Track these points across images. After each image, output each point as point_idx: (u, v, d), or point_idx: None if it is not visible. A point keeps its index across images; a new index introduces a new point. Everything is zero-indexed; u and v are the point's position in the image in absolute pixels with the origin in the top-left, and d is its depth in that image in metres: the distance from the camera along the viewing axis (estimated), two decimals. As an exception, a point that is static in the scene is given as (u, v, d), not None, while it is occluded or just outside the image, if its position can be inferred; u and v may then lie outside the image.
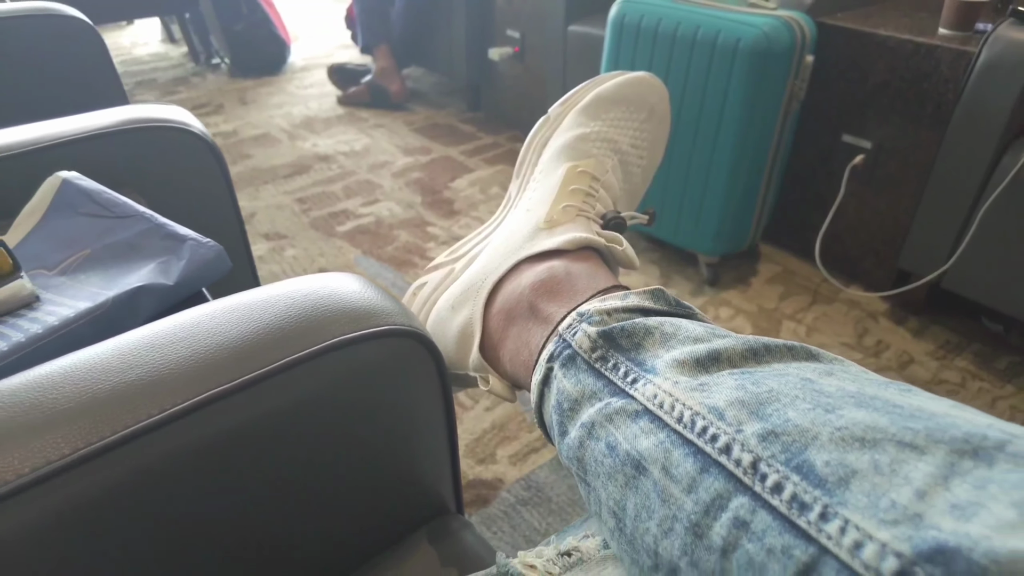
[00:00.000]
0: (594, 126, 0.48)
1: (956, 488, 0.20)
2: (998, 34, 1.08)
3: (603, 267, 0.41)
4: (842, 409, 0.23)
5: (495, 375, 0.41)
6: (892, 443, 0.21)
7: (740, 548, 0.22)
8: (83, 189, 0.52)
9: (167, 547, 0.32)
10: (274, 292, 0.39)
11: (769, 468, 0.23)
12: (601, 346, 0.31)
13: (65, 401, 0.31)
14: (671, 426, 0.26)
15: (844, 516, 0.20)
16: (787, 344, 0.28)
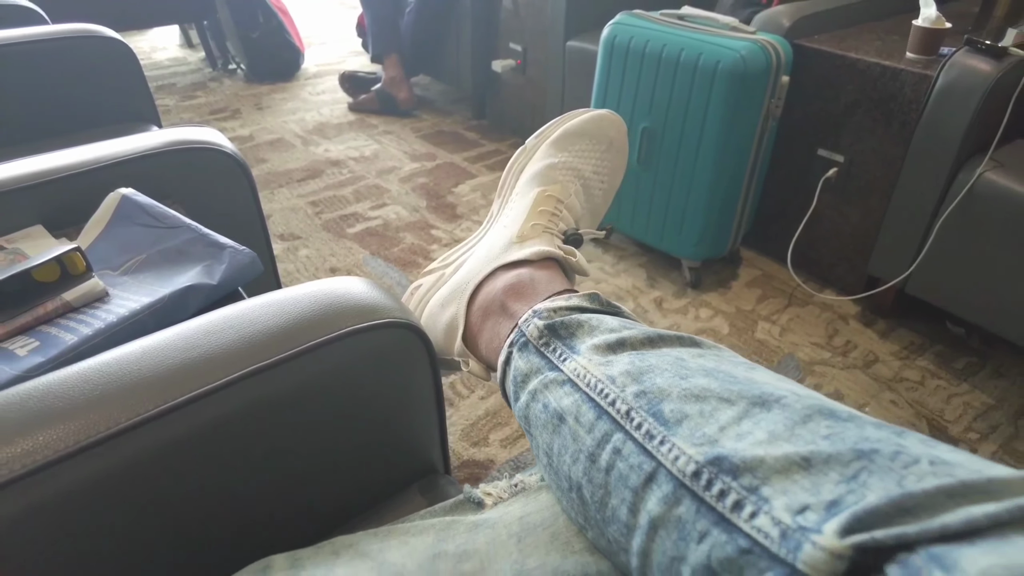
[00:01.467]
0: (562, 157, 0.59)
1: (743, 424, 0.30)
2: (954, 60, 1.17)
3: (560, 274, 0.51)
4: (693, 378, 0.33)
5: (474, 359, 0.52)
6: (715, 398, 0.31)
7: (615, 467, 0.33)
8: (139, 203, 0.63)
9: (205, 504, 0.43)
10: (299, 291, 0.49)
11: (636, 414, 0.33)
12: (546, 335, 0.42)
13: (148, 371, 0.41)
14: (583, 389, 0.36)
15: (672, 442, 0.31)
16: (678, 335, 0.38)
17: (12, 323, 0.52)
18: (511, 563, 0.34)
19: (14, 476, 0.35)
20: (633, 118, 1.40)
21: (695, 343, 0.38)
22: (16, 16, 1.35)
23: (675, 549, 0.29)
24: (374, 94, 2.39)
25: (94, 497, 0.38)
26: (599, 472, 0.33)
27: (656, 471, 0.31)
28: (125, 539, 0.40)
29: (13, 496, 0.35)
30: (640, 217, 1.49)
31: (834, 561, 0.23)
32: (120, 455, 0.39)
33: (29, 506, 0.36)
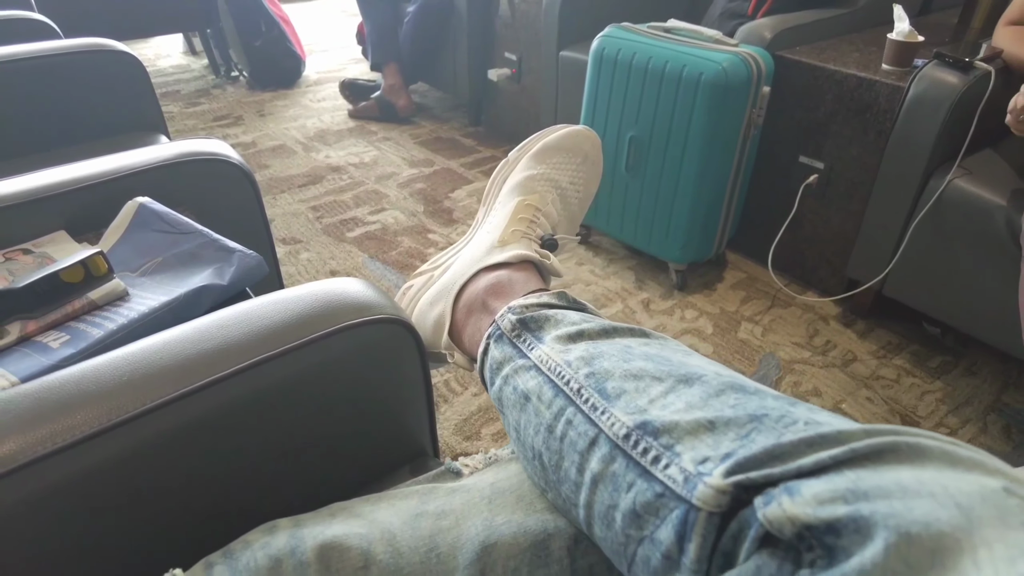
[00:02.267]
0: (540, 169, 0.64)
1: (668, 398, 0.35)
2: (924, 73, 1.23)
3: (536, 275, 0.57)
4: (634, 361, 0.39)
5: (459, 351, 0.57)
6: (649, 377, 0.37)
7: (567, 435, 0.38)
8: (155, 211, 0.69)
9: (219, 480, 0.48)
10: (301, 291, 0.55)
11: (585, 391, 0.38)
12: (517, 328, 0.47)
13: (169, 360, 0.47)
14: (545, 373, 0.42)
15: (611, 412, 0.36)
16: (630, 327, 0.44)
17: (44, 320, 0.57)
18: (482, 520, 0.40)
19: (57, 448, 0.41)
20: (621, 127, 1.46)
21: (644, 334, 0.43)
22: (31, 29, 1.41)
23: (611, 499, 0.34)
24: (374, 101, 2.45)
25: (124, 471, 0.43)
26: (555, 440, 0.39)
27: (598, 436, 0.36)
28: (149, 509, 0.45)
29: (58, 466, 0.41)
30: (629, 222, 1.55)
31: (719, 496, 0.29)
32: (146, 433, 0.44)
33: (72, 474, 0.41)
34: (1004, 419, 1.24)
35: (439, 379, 1.30)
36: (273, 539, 0.39)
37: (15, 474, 0.41)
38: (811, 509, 0.25)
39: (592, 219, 1.64)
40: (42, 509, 0.41)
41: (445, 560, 0.37)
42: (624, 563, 0.34)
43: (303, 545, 0.38)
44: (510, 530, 0.39)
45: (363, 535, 0.38)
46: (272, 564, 0.37)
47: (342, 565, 0.37)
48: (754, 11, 1.65)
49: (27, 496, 0.41)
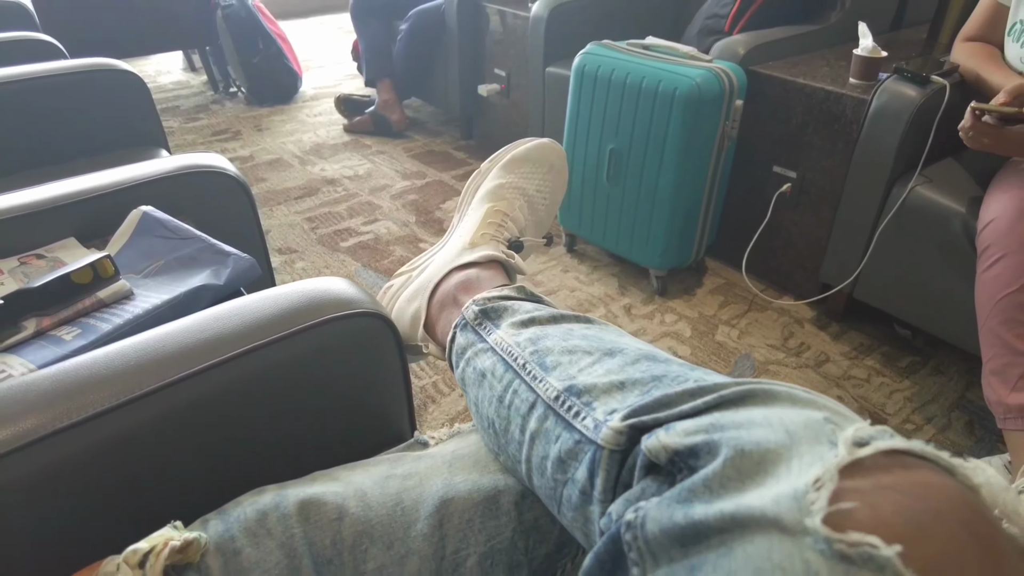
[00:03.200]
0: (509, 178, 0.71)
1: (594, 367, 0.41)
2: (885, 86, 1.30)
3: (502, 273, 0.63)
4: (572, 340, 0.45)
5: (433, 343, 0.63)
6: (581, 352, 0.43)
7: (513, 403, 0.44)
8: (157, 218, 0.75)
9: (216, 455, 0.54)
10: (291, 287, 0.61)
11: (528, 365, 0.44)
12: (479, 317, 0.53)
13: (172, 347, 0.53)
14: (499, 353, 0.48)
15: (547, 380, 0.42)
16: (576, 315, 0.50)
17: (57, 316, 0.63)
18: (442, 479, 0.45)
19: (73, 423, 0.47)
20: (602, 139, 1.53)
21: (588, 320, 0.49)
22: (38, 49, 1.48)
23: (543, 451, 0.40)
24: (369, 116, 2.53)
25: (132, 445, 0.49)
26: (504, 408, 0.45)
27: (536, 401, 0.42)
28: (153, 480, 0.51)
29: (74, 439, 0.47)
30: (611, 230, 1.61)
31: (618, 436, 0.35)
32: (152, 411, 0.50)
33: (87, 447, 0.47)
34: (967, 415, 1.29)
35: (427, 381, 1.36)
36: (260, 498, 0.45)
37: (36, 445, 0.46)
38: (679, 439, 0.30)
39: (576, 227, 1.71)
40: (61, 477, 0.47)
41: (409, 512, 0.43)
42: (555, 506, 0.40)
43: (286, 501, 0.43)
44: (466, 487, 0.45)
45: (338, 492, 0.44)
46: (259, 517, 0.42)
47: (319, 517, 0.42)
48: (730, 28, 1.72)
49: (47, 465, 0.46)
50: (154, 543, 0.38)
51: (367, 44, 2.47)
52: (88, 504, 0.48)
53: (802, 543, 0.23)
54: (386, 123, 2.51)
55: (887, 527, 0.23)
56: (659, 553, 0.27)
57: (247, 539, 0.41)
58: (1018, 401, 1.04)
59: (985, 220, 1.12)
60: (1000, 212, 1.10)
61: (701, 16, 1.83)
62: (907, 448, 0.26)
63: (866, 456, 0.26)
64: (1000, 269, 1.08)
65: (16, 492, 0.46)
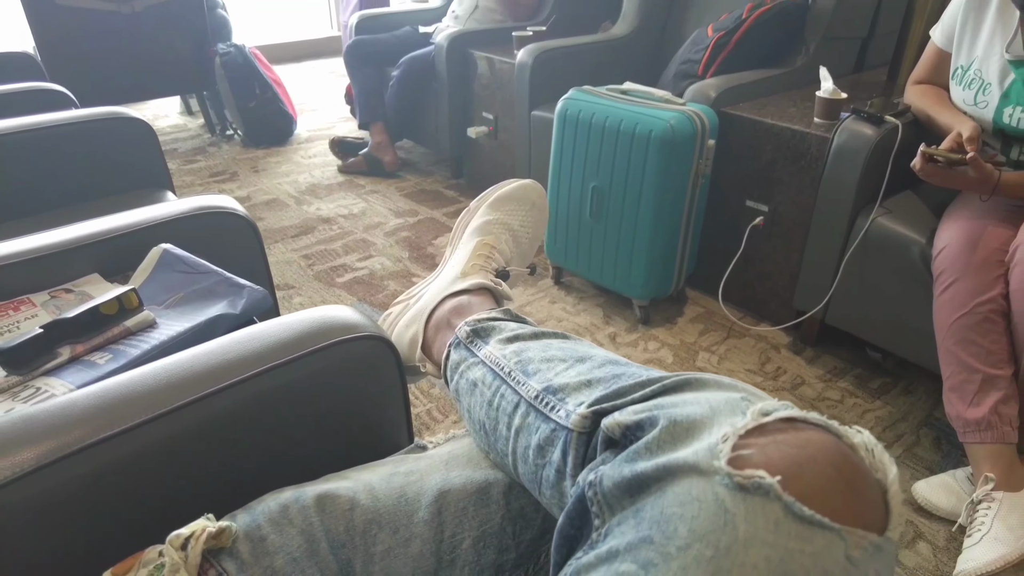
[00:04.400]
0: (496, 215, 0.79)
1: (568, 371, 0.49)
2: (844, 125, 1.41)
3: (491, 298, 0.70)
4: (550, 351, 0.52)
5: (430, 362, 0.70)
6: (558, 360, 0.50)
7: (501, 405, 0.51)
8: (177, 255, 0.82)
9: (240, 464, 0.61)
10: (302, 315, 0.68)
11: (514, 373, 0.52)
12: (471, 335, 0.61)
13: (199, 367, 0.60)
14: (488, 365, 0.55)
15: (528, 383, 0.49)
16: (555, 332, 0.57)
17: (89, 343, 0.70)
18: (440, 475, 0.52)
19: (119, 431, 0.53)
20: (584, 177, 1.62)
21: (565, 336, 0.57)
22: (51, 99, 1.57)
23: (525, 441, 0.47)
24: (362, 157, 2.63)
25: (167, 454, 0.56)
26: (493, 410, 0.52)
27: (519, 401, 0.49)
28: (185, 484, 0.57)
29: (120, 445, 0.53)
30: (595, 262, 1.69)
31: (583, 420, 0.42)
32: (184, 423, 0.57)
33: (127, 455, 0.54)
34: (935, 432, 1.37)
35: (422, 409, 1.42)
36: (281, 495, 0.51)
37: (83, 453, 0.53)
38: (629, 417, 0.38)
39: (563, 260, 1.79)
40: (105, 481, 0.53)
41: (411, 502, 0.50)
42: (536, 488, 0.47)
43: (305, 495, 0.50)
44: (461, 481, 0.51)
45: (350, 487, 0.51)
46: (281, 509, 0.49)
47: (334, 507, 0.49)
48: (703, 72, 1.84)
49: (93, 470, 0.53)
50: (193, 529, 0.45)
51: (360, 88, 2.59)
52: (129, 503, 0.54)
53: (712, 480, 0.31)
54: (379, 164, 2.61)
55: (773, 465, 0.30)
56: (613, 504, 0.34)
57: (271, 527, 0.47)
58: (975, 415, 1.12)
59: (938, 247, 1.22)
60: (951, 240, 1.19)
61: (676, 62, 1.96)
62: (802, 417, 0.34)
63: (768, 422, 0.33)
64: (953, 293, 1.16)
65: (64, 497, 0.52)
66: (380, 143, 2.59)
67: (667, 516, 0.30)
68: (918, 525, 1.15)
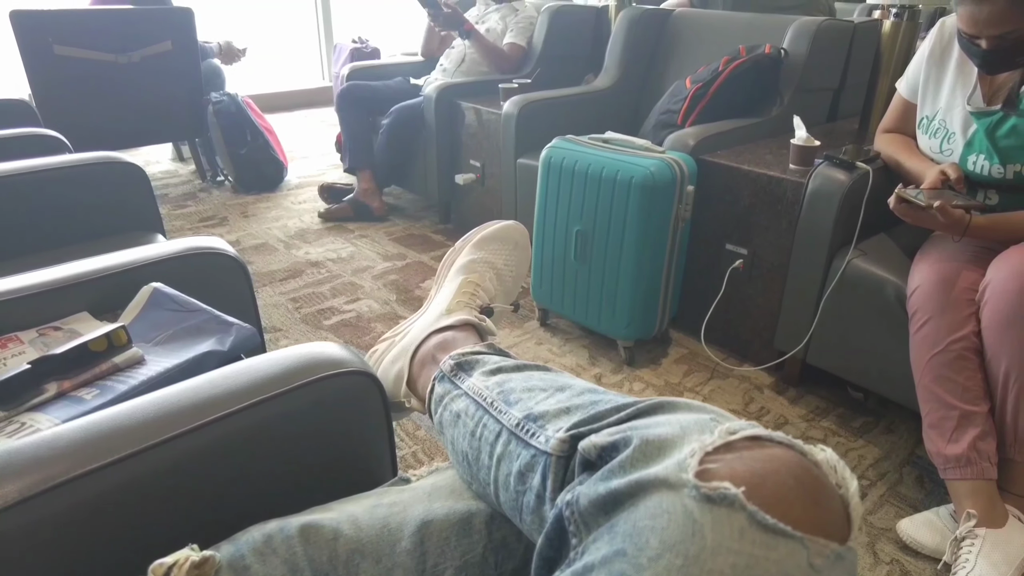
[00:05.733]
0: (480, 254, 0.81)
1: (548, 400, 0.50)
2: (818, 171, 1.46)
3: (475, 334, 0.72)
4: (531, 382, 0.54)
5: (415, 398, 0.71)
6: (538, 390, 0.52)
7: (484, 435, 0.52)
8: (167, 294, 0.84)
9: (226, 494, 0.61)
10: (288, 351, 0.69)
11: (496, 403, 0.53)
12: (455, 369, 0.62)
13: (186, 401, 0.61)
14: (471, 396, 0.57)
15: (510, 413, 0.51)
16: (536, 364, 0.59)
17: (76, 379, 0.71)
18: (423, 506, 0.53)
19: (104, 464, 0.54)
20: (569, 222, 1.66)
21: (546, 369, 0.59)
22: (46, 145, 1.60)
23: (507, 468, 0.48)
24: (348, 204, 2.66)
25: (153, 485, 0.56)
26: (475, 440, 0.53)
27: (501, 429, 0.51)
28: (170, 516, 0.57)
29: (105, 478, 0.54)
30: (580, 304, 1.72)
31: (562, 444, 0.43)
32: (171, 456, 0.57)
33: (113, 487, 0.54)
34: (917, 470, 1.38)
35: (407, 451, 1.42)
36: (266, 526, 0.51)
37: (66, 486, 0.53)
38: (605, 438, 0.39)
39: (548, 302, 1.82)
40: (88, 516, 0.53)
41: (394, 532, 0.50)
42: (517, 515, 0.48)
43: (289, 526, 0.50)
44: (443, 511, 0.52)
45: (334, 518, 0.51)
46: (265, 539, 0.49)
47: (318, 538, 0.49)
48: (682, 121, 1.91)
49: (76, 504, 0.53)
50: (176, 559, 0.45)
51: (349, 133, 2.64)
52: (111, 537, 0.54)
53: (681, 492, 0.32)
54: (366, 209, 2.65)
55: (738, 477, 0.32)
56: (590, 521, 0.35)
57: (255, 557, 0.48)
58: (955, 452, 1.13)
59: (912, 287, 1.25)
60: (923, 280, 1.23)
61: (655, 112, 2.03)
62: (768, 435, 0.36)
63: (734, 440, 0.35)
64: (927, 331, 1.19)
65: (48, 529, 0.52)
66: (367, 190, 2.63)
67: (639, 529, 0.32)
68: (903, 563, 1.15)
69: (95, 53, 2.58)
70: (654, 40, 2.35)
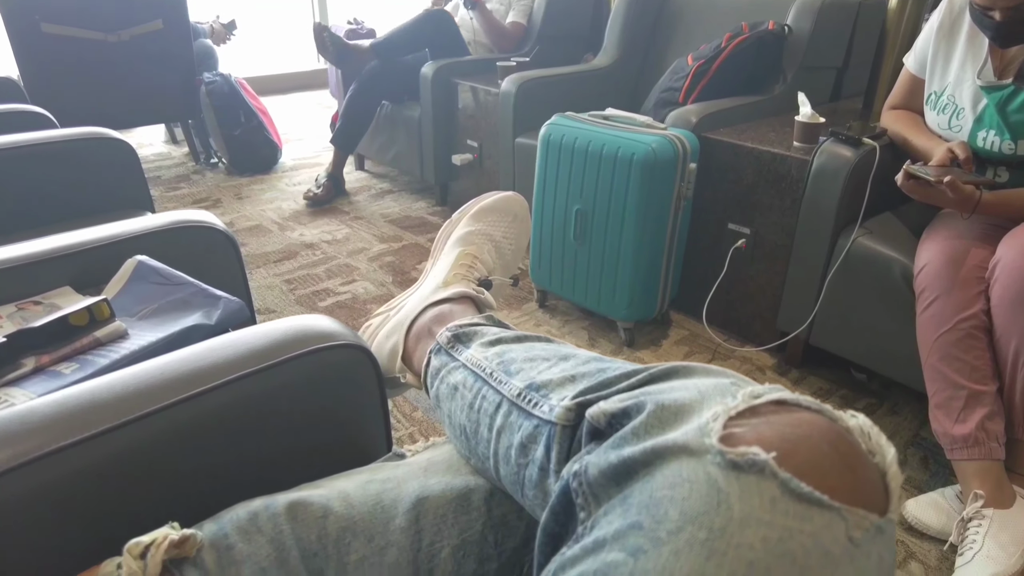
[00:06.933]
0: (478, 226, 0.78)
1: (551, 369, 0.47)
2: (823, 148, 1.43)
3: (472, 307, 0.69)
4: (533, 351, 0.51)
5: (410, 373, 0.69)
6: (540, 359, 0.49)
7: (482, 407, 0.50)
8: (152, 266, 0.80)
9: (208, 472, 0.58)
10: (280, 323, 0.66)
11: (496, 374, 0.50)
12: (452, 341, 0.59)
13: (170, 375, 0.58)
14: (469, 368, 0.54)
15: (511, 382, 0.48)
16: (538, 336, 0.56)
17: (56, 354, 0.67)
18: (418, 482, 0.50)
19: (79, 439, 0.51)
20: (568, 201, 1.63)
21: (548, 340, 0.56)
22: (29, 121, 1.56)
23: (507, 441, 0.45)
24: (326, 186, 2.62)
25: (133, 461, 0.53)
26: (474, 413, 0.50)
27: (501, 400, 0.48)
28: (150, 494, 0.55)
29: (81, 454, 0.51)
30: (580, 285, 1.69)
31: (568, 413, 0.41)
32: (151, 432, 0.54)
33: (92, 461, 0.51)
34: (922, 451, 1.36)
35: (404, 433, 1.39)
36: (251, 503, 0.49)
37: (39, 462, 0.50)
38: (615, 405, 0.36)
39: (547, 284, 1.78)
40: (62, 493, 0.51)
41: (388, 510, 0.48)
42: (519, 490, 0.45)
43: (275, 503, 0.48)
44: (440, 487, 0.49)
45: (323, 495, 0.49)
46: (250, 517, 0.46)
47: (306, 515, 0.47)
48: (684, 99, 1.87)
49: (50, 481, 0.50)
50: (154, 537, 0.42)
51: (348, 115, 2.58)
52: (88, 516, 0.51)
53: (704, 459, 0.29)
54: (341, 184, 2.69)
55: (767, 443, 0.29)
56: (600, 493, 0.32)
57: (239, 536, 0.45)
58: (962, 432, 1.11)
59: (919, 265, 1.22)
60: (931, 258, 1.20)
61: (656, 90, 1.99)
62: (795, 399, 0.33)
63: (759, 404, 0.32)
64: (935, 310, 1.17)
65: (20, 506, 0.49)
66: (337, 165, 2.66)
67: (656, 500, 0.29)
68: (909, 545, 1.13)
69: (83, 31, 2.53)
70: (655, 17, 2.30)
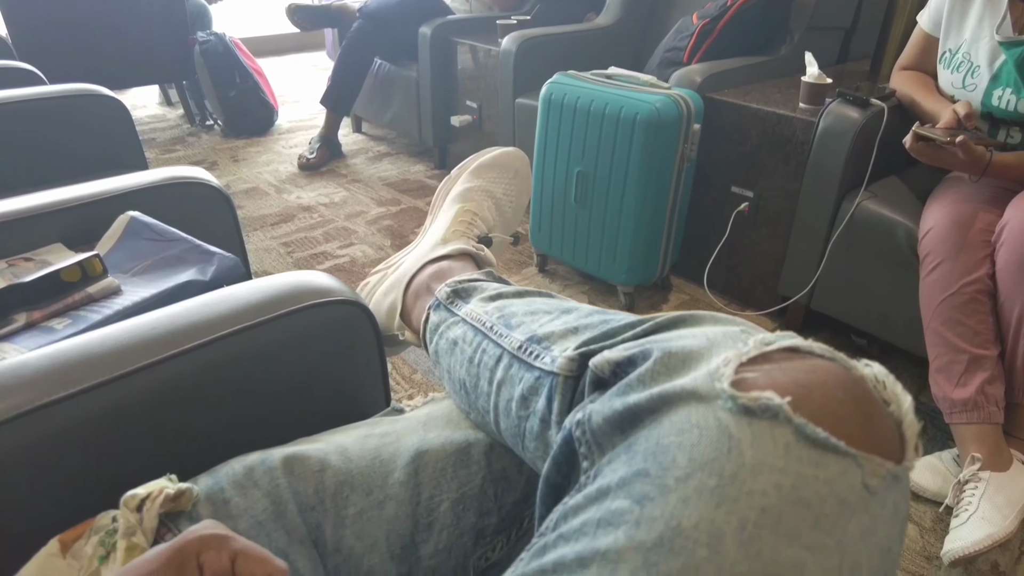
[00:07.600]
0: (478, 182, 0.76)
1: (553, 322, 0.46)
2: (830, 109, 1.40)
3: (472, 264, 0.68)
4: (534, 305, 0.50)
5: (409, 330, 0.67)
6: (542, 312, 0.48)
7: (483, 360, 0.49)
8: (145, 222, 0.79)
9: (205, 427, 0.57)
10: (276, 278, 0.65)
11: (496, 327, 0.49)
12: (451, 296, 0.58)
13: (163, 329, 0.56)
14: (469, 322, 0.53)
15: (511, 335, 0.47)
16: (539, 291, 0.55)
17: (47, 310, 0.66)
18: (417, 436, 0.49)
19: (72, 393, 0.50)
20: (569, 162, 1.60)
21: (549, 295, 0.55)
22: (17, 77, 1.52)
23: (508, 393, 0.45)
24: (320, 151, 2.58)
25: (126, 416, 0.52)
26: (474, 367, 0.49)
27: (502, 353, 0.47)
28: (147, 447, 0.54)
29: (73, 408, 0.50)
30: (580, 249, 1.67)
31: (570, 363, 0.40)
32: (144, 386, 0.53)
33: (85, 415, 0.50)
34: (920, 417, 1.36)
35: (403, 394, 1.39)
36: (247, 458, 0.48)
37: (30, 415, 0.49)
38: (620, 353, 0.35)
39: (547, 248, 1.77)
40: (55, 446, 0.50)
41: (386, 463, 0.47)
42: (519, 442, 0.44)
43: (271, 457, 0.47)
44: (439, 441, 0.49)
45: (321, 448, 0.48)
46: (246, 471, 0.46)
47: (303, 469, 0.46)
48: (688, 59, 1.83)
49: (43, 434, 0.49)
50: (150, 490, 0.42)
51: (340, 75, 2.53)
52: (82, 470, 0.51)
53: (714, 404, 0.28)
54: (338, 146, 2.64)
55: (780, 387, 0.28)
56: (604, 442, 0.31)
57: (235, 490, 0.44)
58: (962, 396, 1.11)
59: (924, 229, 1.21)
60: (936, 222, 1.18)
61: (660, 50, 1.94)
62: (808, 347, 0.32)
63: (771, 350, 0.31)
64: (939, 274, 1.15)
65: (13, 459, 0.49)
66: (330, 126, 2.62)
67: (663, 446, 0.28)
68: (905, 507, 1.14)
69: (72, -14, 2.46)
70: (660, -25, 2.24)
